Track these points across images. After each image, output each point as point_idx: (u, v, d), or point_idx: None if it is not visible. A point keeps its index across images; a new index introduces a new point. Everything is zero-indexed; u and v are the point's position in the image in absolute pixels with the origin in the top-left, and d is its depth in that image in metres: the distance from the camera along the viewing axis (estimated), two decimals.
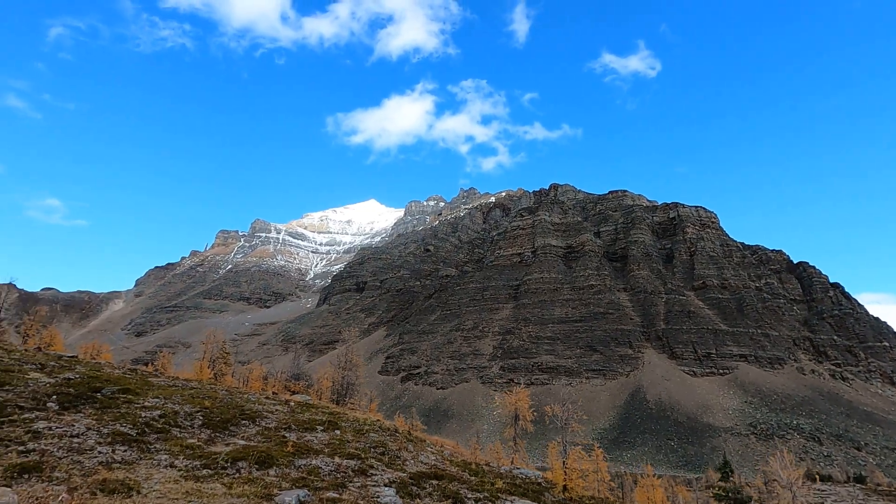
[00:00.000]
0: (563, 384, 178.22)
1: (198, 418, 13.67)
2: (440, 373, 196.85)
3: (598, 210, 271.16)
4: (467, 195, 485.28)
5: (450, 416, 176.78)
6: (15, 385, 12.61)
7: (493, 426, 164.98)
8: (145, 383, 16.97)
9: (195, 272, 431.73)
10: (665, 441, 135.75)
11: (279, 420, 15.70)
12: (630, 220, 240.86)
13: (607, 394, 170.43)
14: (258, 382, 28.05)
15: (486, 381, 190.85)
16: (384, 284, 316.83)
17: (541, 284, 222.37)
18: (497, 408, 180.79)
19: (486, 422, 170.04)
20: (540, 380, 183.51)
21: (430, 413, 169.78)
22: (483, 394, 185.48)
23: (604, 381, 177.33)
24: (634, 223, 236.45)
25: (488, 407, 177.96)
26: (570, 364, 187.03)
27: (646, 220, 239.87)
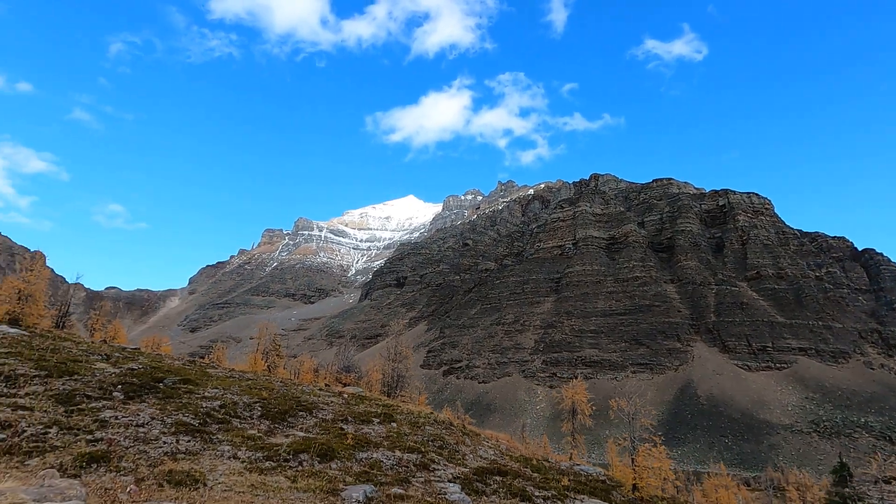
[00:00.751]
0: (608, 378, 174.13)
1: (256, 409, 13.64)
2: (482, 367, 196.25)
3: (641, 199, 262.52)
4: (505, 188, 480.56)
5: (492, 410, 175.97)
6: (83, 374, 12.91)
7: (537, 420, 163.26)
8: (204, 374, 17.23)
9: (243, 270, 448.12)
10: (718, 438, 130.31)
11: (335, 412, 15.53)
12: (676, 209, 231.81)
13: (654, 388, 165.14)
14: (309, 374, 28.32)
15: (529, 376, 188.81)
16: (424, 279, 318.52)
17: (583, 277, 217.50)
18: (540, 402, 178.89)
19: (529, 416, 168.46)
20: (584, 374, 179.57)
21: (473, 407, 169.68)
22: (525, 388, 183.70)
23: (650, 375, 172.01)
24: (681, 212, 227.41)
25: (531, 401, 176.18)
26: (615, 358, 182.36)
27: (693, 209, 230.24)
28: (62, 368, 12.85)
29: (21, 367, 12.41)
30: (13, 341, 15.69)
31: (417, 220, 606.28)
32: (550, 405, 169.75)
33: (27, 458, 7.43)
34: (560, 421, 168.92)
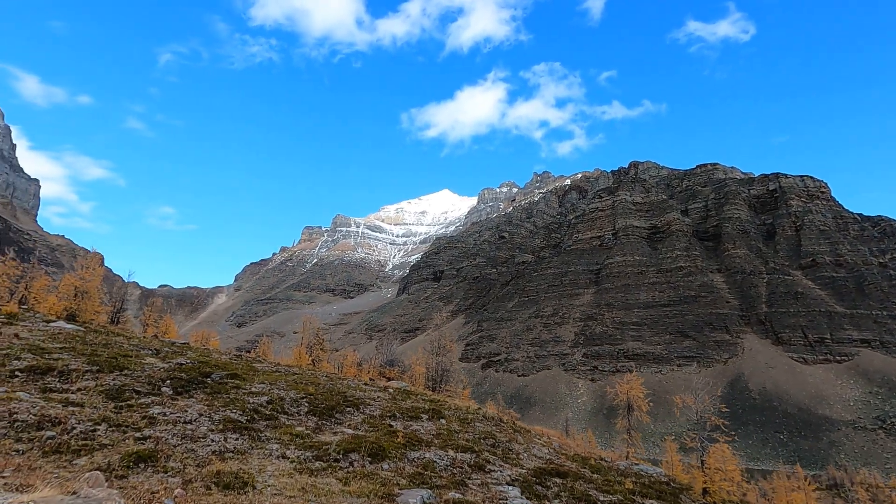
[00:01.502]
0: (652, 372, 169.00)
1: (303, 405, 13.37)
2: (521, 360, 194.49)
3: (684, 186, 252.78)
4: (541, 179, 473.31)
5: (532, 404, 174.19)
6: (133, 369, 12.98)
7: (579, 414, 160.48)
8: (250, 369, 17.20)
9: (285, 267, 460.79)
10: (772, 434, 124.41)
11: (382, 407, 15.12)
12: (723, 196, 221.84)
13: (702, 382, 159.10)
14: (353, 369, 28.27)
15: (569, 369, 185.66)
16: (461, 273, 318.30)
17: (624, 268, 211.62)
18: (581, 395, 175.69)
19: (570, 409, 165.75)
20: (626, 367, 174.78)
21: (513, 400, 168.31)
22: (566, 381, 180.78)
23: (698, 368, 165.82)
24: (728, 198, 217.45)
25: (572, 394, 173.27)
26: (659, 351, 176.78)
27: (741, 195, 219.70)
28: (113, 363, 12.95)
29: (74, 362, 12.58)
30: (69, 336, 16.11)
31: (453, 214, 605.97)
32: (592, 398, 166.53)
33: (75, 456, 7.27)
34: (602, 415, 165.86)
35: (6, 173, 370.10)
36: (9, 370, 10.97)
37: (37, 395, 9.85)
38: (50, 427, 8.08)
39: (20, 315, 18.48)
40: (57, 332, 16.64)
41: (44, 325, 17.57)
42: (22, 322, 17.29)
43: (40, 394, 9.99)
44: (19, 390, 9.86)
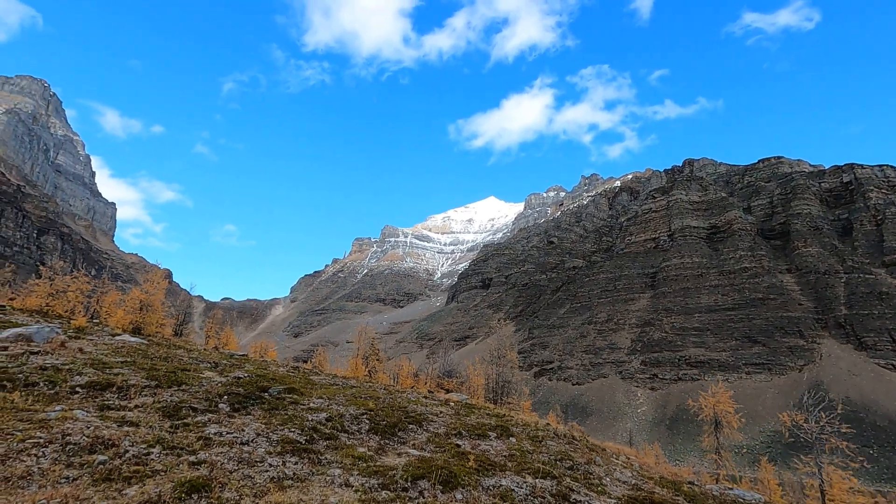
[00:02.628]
0: (718, 380, 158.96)
1: (364, 422, 12.60)
2: (575, 368, 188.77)
3: (745, 182, 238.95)
4: (589, 182, 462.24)
5: (588, 413, 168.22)
6: (190, 384, 12.70)
7: (639, 424, 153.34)
8: (308, 382, 16.73)
9: (337, 278, 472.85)
10: (861, 448, 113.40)
11: (446, 424, 14.15)
12: (790, 190, 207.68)
13: (775, 391, 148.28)
14: (409, 379, 27.59)
15: (627, 377, 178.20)
16: (510, 280, 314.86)
17: (682, 270, 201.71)
18: (641, 404, 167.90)
19: (630, 420, 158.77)
20: (689, 375, 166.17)
21: (568, 409, 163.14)
22: (624, 390, 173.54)
23: (769, 376, 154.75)
24: (795, 193, 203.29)
25: (631, 404, 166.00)
26: (725, 357, 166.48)
27: (811, 189, 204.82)
28: (171, 378, 12.72)
29: (133, 376, 12.44)
30: (131, 350, 16.25)
31: (500, 221, 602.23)
32: (653, 408, 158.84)
33: (126, 485, 6.74)
34: (664, 426, 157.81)
35: (88, 198, 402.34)
36: (69, 386, 10.88)
37: (94, 413, 9.59)
38: (102, 450, 7.66)
39: (88, 329, 19.03)
40: (120, 346, 16.85)
41: (109, 339, 17.91)
42: (89, 336, 17.69)
43: (97, 412, 9.73)
44: (77, 408, 9.65)
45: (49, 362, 12.20)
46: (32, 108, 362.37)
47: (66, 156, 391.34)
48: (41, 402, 9.48)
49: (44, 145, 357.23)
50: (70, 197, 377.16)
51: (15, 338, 13.79)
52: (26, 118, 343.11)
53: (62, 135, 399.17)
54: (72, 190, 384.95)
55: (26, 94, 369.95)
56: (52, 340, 14.25)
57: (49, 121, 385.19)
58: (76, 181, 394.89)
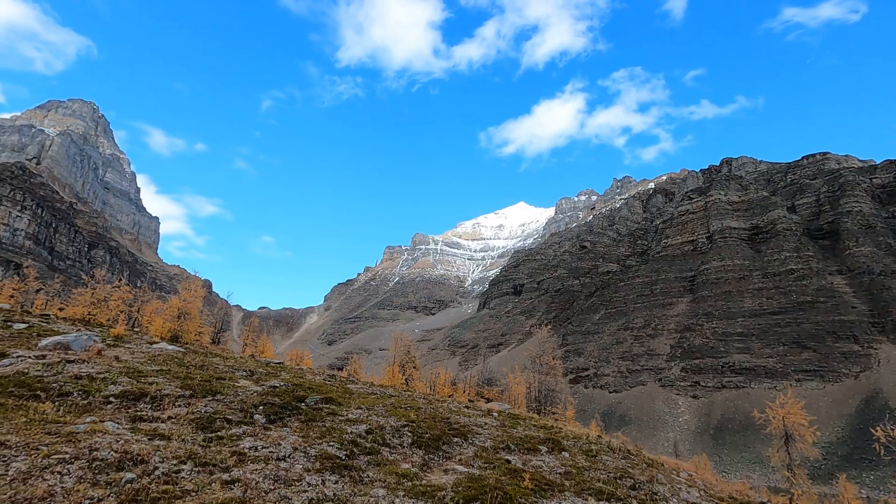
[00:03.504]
0: (765, 388, 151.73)
1: (406, 435, 11.85)
2: (611, 375, 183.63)
3: (789, 181, 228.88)
4: (621, 185, 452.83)
5: (627, 422, 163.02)
6: (225, 394, 12.27)
7: (681, 433, 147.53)
8: (345, 391, 16.14)
9: (369, 286, 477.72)
10: None
11: (493, 437, 13.26)
12: (838, 187, 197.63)
13: (829, 399, 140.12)
14: (447, 388, 26.75)
15: (666, 384, 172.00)
16: (542, 285, 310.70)
17: (722, 273, 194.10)
18: (683, 413, 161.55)
19: (671, 429, 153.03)
20: (733, 382, 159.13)
21: (606, 418, 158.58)
22: (664, 398, 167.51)
23: (821, 383, 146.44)
24: (844, 190, 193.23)
25: (672, 412, 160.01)
26: (772, 364, 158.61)
27: (861, 185, 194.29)
28: (206, 387, 12.33)
29: (168, 385, 12.09)
30: (167, 358, 16.07)
31: (530, 227, 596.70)
32: (695, 417, 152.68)
33: None
34: (708, 435, 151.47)
35: (133, 213, 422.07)
36: (103, 396, 10.58)
37: (125, 424, 9.19)
38: (131, 467, 7.16)
39: (126, 337, 19.10)
40: (157, 354, 16.72)
41: (147, 347, 17.87)
42: (127, 344, 17.68)
43: (129, 423, 9.33)
44: (108, 419, 9.28)
45: (84, 371, 12.01)
46: (83, 129, 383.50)
47: (113, 173, 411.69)
48: (72, 413, 9.17)
49: (93, 164, 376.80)
50: (117, 212, 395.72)
51: (53, 346, 13.78)
52: (77, 139, 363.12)
53: (110, 154, 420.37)
54: (119, 206, 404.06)
55: (77, 117, 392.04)
56: (90, 349, 14.17)
57: (98, 140, 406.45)
58: (123, 197, 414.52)
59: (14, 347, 13.43)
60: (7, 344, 13.86)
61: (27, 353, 12.67)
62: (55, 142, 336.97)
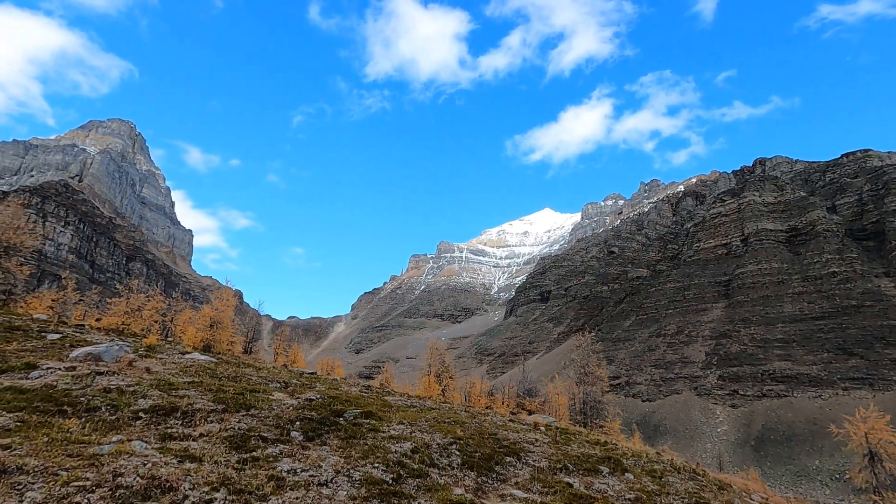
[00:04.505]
0: (810, 397, 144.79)
1: (454, 454, 10.88)
2: (644, 383, 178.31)
3: (828, 180, 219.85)
4: (649, 188, 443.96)
5: (662, 432, 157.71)
6: (259, 408, 11.56)
7: (720, 445, 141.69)
8: (384, 404, 15.28)
9: (395, 294, 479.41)
10: None
11: (547, 456, 12.15)
12: (882, 185, 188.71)
13: (879, 408, 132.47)
14: (483, 399, 25.61)
15: (703, 393, 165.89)
16: (569, 292, 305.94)
17: (759, 278, 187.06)
18: (721, 423, 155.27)
19: (708, 440, 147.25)
20: (775, 391, 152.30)
21: (641, 428, 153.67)
22: (700, 407, 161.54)
23: (871, 392, 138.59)
24: (889, 188, 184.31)
25: (709, 422, 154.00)
26: (816, 371, 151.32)
27: None
28: (239, 401, 11.65)
29: (200, 399, 11.46)
30: (199, 369, 15.56)
31: (556, 233, 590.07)
32: (735, 427, 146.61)
33: None
34: (749, 447, 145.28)
35: (168, 227, 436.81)
36: (132, 411, 9.98)
37: (154, 444, 8.52)
38: (158, 495, 6.41)
39: (159, 347, 18.78)
40: (189, 365, 16.24)
41: (179, 357, 17.44)
42: (159, 354, 17.30)
43: (158, 442, 8.66)
44: (136, 438, 8.63)
45: (114, 383, 11.49)
46: (121, 147, 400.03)
47: (149, 189, 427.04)
48: (99, 431, 8.55)
49: (131, 180, 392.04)
50: (153, 226, 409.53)
51: (84, 357, 13.40)
52: (116, 157, 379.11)
53: (146, 170, 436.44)
54: (154, 219, 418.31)
55: (116, 135, 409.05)
56: (121, 360, 13.75)
57: (135, 158, 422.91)
58: (158, 211, 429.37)
59: (45, 359, 13.11)
60: (38, 355, 13.58)
61: (57, 365, 12.31)
62: (96, 160, 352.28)
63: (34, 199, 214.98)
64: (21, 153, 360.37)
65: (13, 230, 26.77)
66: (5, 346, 13.91)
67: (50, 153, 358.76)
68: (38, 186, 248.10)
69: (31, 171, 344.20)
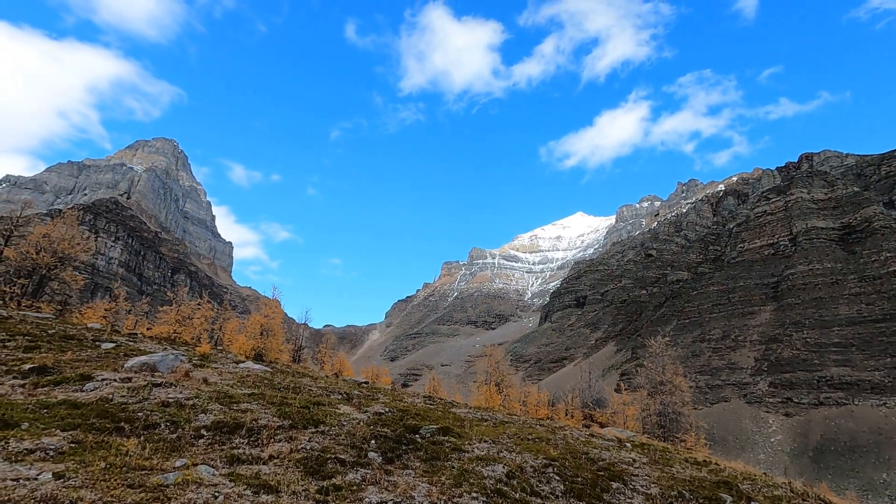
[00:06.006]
0: (872, 404, 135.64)
1: (553, 478, 9.49)
2: (689, 391, 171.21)
3: (883, 173, 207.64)
4: (687, 189, 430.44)
5: (712, 442, 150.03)
6: (329, 424, 10.50)
7: (773, 455, 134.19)
8: (455, 418, 13.95)
9: (429, 302, 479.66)
10: None
11: (653, 480, 10.60)
12: None
13: None
14: (543, 409, 24.01)
15: (753, 401, 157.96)
16: (606, 297, 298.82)
17: (811, 278, 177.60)
18: (774, 433, 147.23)
19: (761, 450, 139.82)
20: (833, 399, 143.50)
21: None
22: (751, 416, 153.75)
23: None
24: None
25: (761, 432, 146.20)
26: (879, 378, 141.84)
27: None
28: (306, 416, 10.63)
29: (263, 413, 10.49)
30: (257, 379, 14.72)
31: (590, 237, 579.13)
32: (790, 437, 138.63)
33: None
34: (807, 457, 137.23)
35: (209, 239, 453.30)
36: (193, 428, 9.09)
37: (221, 468, 7.52)
38: None
39: (212, 356, 18.23)
40: (245, 375, 15.47)
41: (233, 367, 16.75)
42: (213, 364, 16.65)
43: (226, 466, 7.66)
44: (201, 461, 7.66)
45: (172, 396, 10.71)
46: (165, 164, 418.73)
47: (191, 203, 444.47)
48: (160, 453, 7.61)
49: (174, 195, 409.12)
50: (195, 239, 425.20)
51: (140, 367, 12.79)
52: (161, 174, 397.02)
53: (188, 185, 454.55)
54: (196, 233, 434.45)
55: (160, 154, 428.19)
56: (177, 370, 13.08)
57: (178, 174, 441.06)
58: (200, 225, 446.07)
59: (99, 369, 12.54)
60: (93, 365, 13.05)
61: (112, 376, 11.68)
62: (142, 177, 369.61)
63: (87, 216, 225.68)
64: (75, 173, 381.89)
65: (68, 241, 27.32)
66: (60, 356, 13.51)
67: (101, 172, 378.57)
68: (90, 204, 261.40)
69: (84, 190, 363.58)
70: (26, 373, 11.34)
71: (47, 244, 26.02)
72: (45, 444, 6.69)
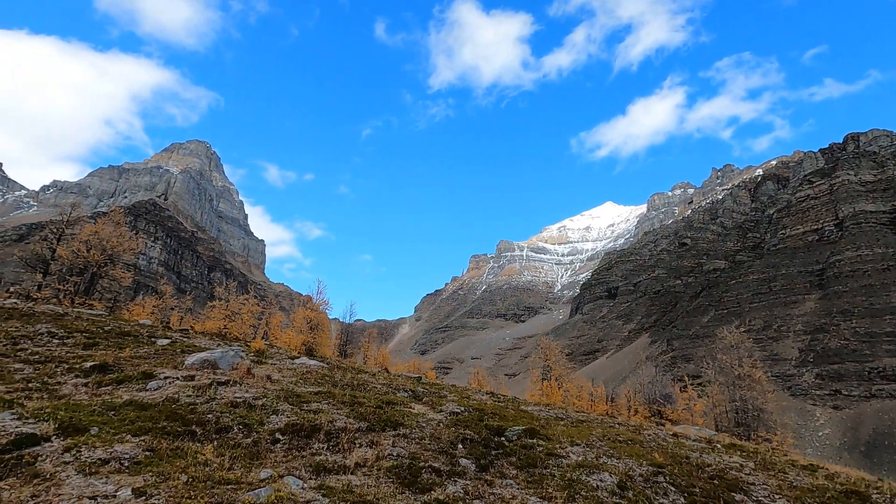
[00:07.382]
0: None
1: (669, 490, 8.45)
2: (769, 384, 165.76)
3: None
4: (722, 174, 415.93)
5: None
6: (408, 426, 9.70)
7: (822, 450, 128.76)
8: (531, 417, 13.04)
9: (457, 295, 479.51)
10: None
11: (773, 489, 9.42)
12: None
13: None
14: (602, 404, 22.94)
15: (798, 394, 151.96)
16: (638, 287, 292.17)
17: (860, 265, 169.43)
18: (822, 426, 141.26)
19: (808, 444, 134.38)
20: (886, 391, 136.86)
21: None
22: (797, 409, 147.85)
23: None
24: None
25: (808, 426, 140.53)
26: None
27: None
28: (381, 416, 9.92)
29: (337, 414, 9.79)
30: (318, 376, 14.16)
31: (620, 226, 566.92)
32: (839, 430, 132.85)
33: None
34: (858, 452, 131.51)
35: (243, 237, 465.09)
36: (268, 431, 8.44)
37: (309, 479, 6.74)
38: None
39: (267, 352, 17.90)
40: (305, 371, 14.97)
41: (289, 363, 16.33)
42: (269, 360, 16.25)
43: (313, 477, 6.88)
44: (286, 471, 6.91)
45: (239, 396, 10.17)
46: (199, 165, 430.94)
47: (225, 203, 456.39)
48: (240, 462, 6.94)
49: (208, 196, 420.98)
50: (229, 237, 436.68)
51: (201, 364, 12.38)
52: (195, 175, 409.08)
53: (221, 185, 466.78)
54: (230, 231, 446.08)
55: (195, 155, 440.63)
56: (238, 367, 12.63)
57: (212, 175, 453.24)
58: (234, 224, 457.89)
59: (160, 366, 12.18)
60: (152, 362, 12.73)
61: (174, 374, 11.27)
62: (178, 179, 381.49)
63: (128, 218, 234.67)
64: (116, 177, 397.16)
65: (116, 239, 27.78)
66: (119, 353, 13.28)
67: (140, 175, 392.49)
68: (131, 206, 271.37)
69: (124, 193, 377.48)
70: (88, 371, 11.06)
71: (97, 242, 26.52)
72: (118, 452, 6.13)
